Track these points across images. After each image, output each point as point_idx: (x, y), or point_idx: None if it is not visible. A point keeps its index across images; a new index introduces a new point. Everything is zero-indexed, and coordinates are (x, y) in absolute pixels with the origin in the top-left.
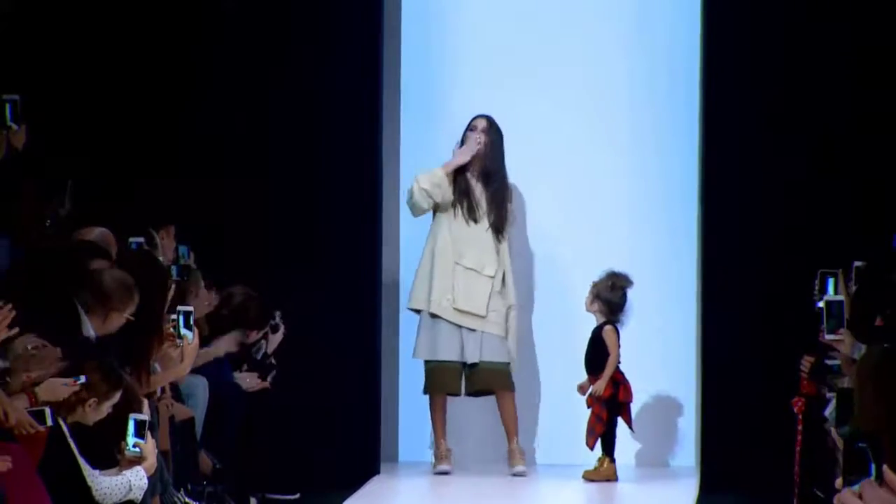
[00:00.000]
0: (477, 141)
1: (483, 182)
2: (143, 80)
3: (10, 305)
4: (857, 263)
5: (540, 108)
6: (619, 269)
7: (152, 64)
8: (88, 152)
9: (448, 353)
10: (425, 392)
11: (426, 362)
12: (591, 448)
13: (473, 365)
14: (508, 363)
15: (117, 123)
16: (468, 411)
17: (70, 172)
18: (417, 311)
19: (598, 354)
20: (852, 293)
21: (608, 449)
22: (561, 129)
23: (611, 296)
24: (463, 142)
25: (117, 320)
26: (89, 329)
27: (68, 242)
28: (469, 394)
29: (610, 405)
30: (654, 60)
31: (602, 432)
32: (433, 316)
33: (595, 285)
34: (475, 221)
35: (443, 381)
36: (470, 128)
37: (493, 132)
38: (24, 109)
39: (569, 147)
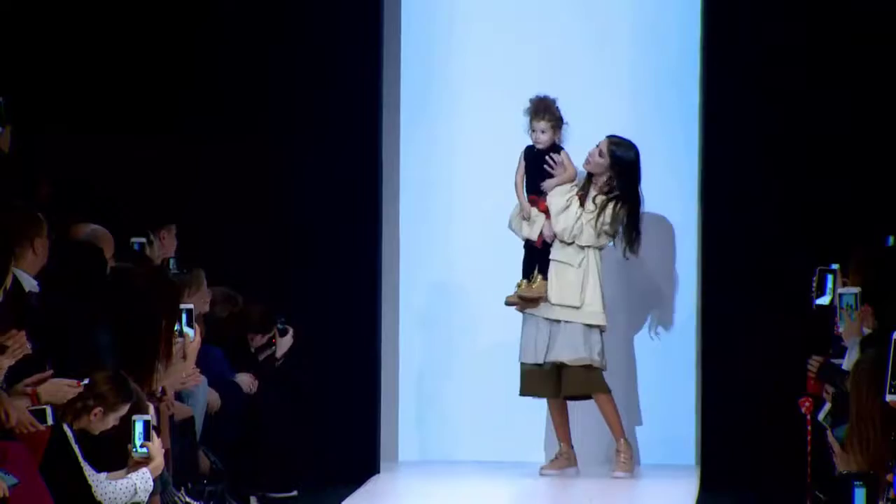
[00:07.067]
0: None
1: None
2: (142, 78)
3: (23, 332)
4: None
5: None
6: None
7: (150, 62)
8: (87, 152)
9: (533, 354)
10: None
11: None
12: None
13: (563, 365)
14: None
15: (116, 124)
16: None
17: (70, 172)
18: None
19: None
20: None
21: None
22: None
23: None
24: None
25: (41, 243)
26: (32, 282)
27: None
28: (565, 397)
29: None
30: (654, 59)
31: None
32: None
33: None
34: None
35: (531, 383)
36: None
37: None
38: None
39: (569, 146)
